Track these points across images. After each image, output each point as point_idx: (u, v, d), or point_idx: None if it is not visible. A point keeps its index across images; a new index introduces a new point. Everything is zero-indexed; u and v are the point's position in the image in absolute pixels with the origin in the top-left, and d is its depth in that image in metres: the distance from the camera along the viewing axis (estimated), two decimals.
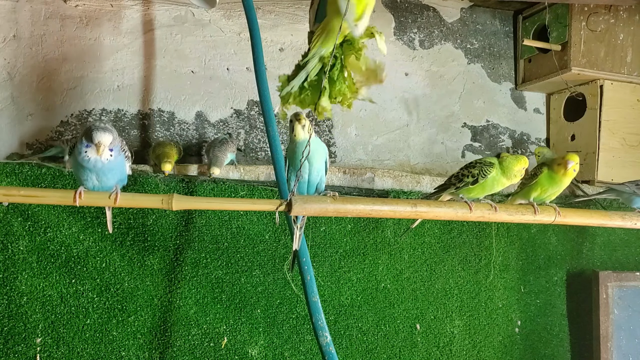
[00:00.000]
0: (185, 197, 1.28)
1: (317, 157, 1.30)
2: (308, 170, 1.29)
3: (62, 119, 1.91)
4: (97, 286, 1.69)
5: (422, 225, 2.11)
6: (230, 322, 1.83)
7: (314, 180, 1.31)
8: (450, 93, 2.50)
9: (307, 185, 1.31)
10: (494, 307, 2.21)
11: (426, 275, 2.11)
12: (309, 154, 1.17)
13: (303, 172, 1.28)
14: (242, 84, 2.15)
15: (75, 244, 1.68)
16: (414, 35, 2.45)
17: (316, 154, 1.29)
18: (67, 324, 1.66)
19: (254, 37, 1.59)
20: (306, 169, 1.28)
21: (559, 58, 2.34)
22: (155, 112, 2.03)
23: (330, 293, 1.96)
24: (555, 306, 2.32)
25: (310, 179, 1.30)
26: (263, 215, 1.89)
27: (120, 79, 1.99)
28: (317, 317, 1.34)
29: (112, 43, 1.99)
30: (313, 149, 1.25)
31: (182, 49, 2.08)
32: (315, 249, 1.95)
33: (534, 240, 2.30)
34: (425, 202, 1.37)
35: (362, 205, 1.26)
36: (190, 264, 1.80)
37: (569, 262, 2.36)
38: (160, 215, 1.77)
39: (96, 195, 1.24)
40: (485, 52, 2.57)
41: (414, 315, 2.08)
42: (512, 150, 2.60)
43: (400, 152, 2.37)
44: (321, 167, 1.31)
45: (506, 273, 2.24)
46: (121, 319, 1.71)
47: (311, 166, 1.28)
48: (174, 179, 1.79)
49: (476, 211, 1.43)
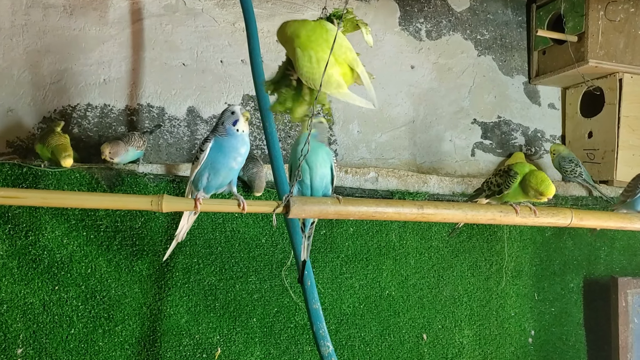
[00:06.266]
0: (176, 198, 1.27)
1: (319, 162, 1.28)
2: (309, 175, 1.28)
3: (45, 114, 1.91)
4: (82, 293, 1.69)
5: (429, 228, 2.11)
6: (224, 332, 1.83)
7: (317, 186, 1.30)
8: (459, 87, 2.50)
9: (310, 191, 1.30)
10: (506, 316, 2.20)
11: (433, 282, 2.11)
12: (307, 152, 1.17)
13: (303, 175, 1.27)
14: (237, 77, 2.15)
15: (58, 249, 1.68)
16: (421, 26, 2.44)
17: (316, 156, 1.27)
18: (50, 333, 1.66)
19: (250, 27, 1.58)
20: (306, 172, 1.27)
21: (575, 50, 2.34)
22: (144, 108, 2.03)
23: (331, 301, 1.96)
24: (571, 315, 2.32)
25: (313, 184, 1.29)
26: (259, 218, 1.89)
27: (106, 72, 1.99)
28: (319, 325, 1.34)
29: (98, 34, 1.99)
30: (312, 148, 1.24)
31: (172, 40, 2.08)
32: (315, 254, 1.95)
33: (548, 244, 2.30)
34: (432, 203, 1.37)
35: (365, 207, 1.26)
36: (181, 269, 1.80)
37: (586, 268, 2.36)
38: (150, 217, 1.77)
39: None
40: (497, 44, 2.57)
41: (420, 324, 2.08)
42: (525, 148, 2.60)
43: (405, 150, 2.37)
44: (325, 173, 1.30)
45: (519, 279, 2.24)
46: (108, 328, 1.71)
47: (312, 171, 1.27)
48: (163, 180, 1.79)
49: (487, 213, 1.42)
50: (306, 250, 1.37)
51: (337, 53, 1.01)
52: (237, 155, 1.27)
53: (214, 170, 1.28)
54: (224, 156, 1.27)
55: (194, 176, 1.30)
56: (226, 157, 1.27)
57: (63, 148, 1.62)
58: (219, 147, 1.27)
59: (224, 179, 1.30)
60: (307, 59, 1.02)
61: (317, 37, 1.02)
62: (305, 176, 1.27)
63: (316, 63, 1.01)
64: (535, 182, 1.46)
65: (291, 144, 2.22)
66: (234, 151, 1.27)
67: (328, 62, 0.99)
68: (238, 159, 1.28)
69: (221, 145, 1.27)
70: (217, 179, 1.29)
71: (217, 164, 1.27)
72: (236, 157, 1.27)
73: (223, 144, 1.27)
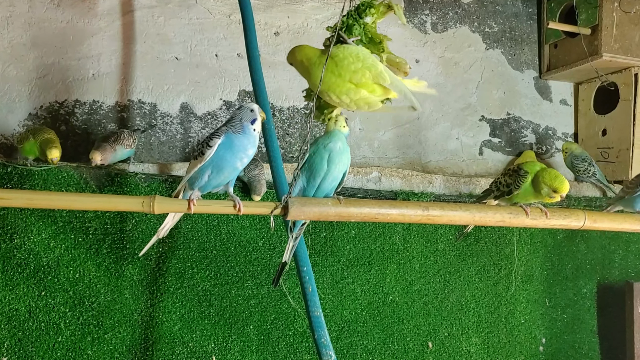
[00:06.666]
0: (168, 199, 1.28)
1: (341, 164, 1.28)
2: (323, 175, 1.28)
3: (31, 111, 1.91)
4: (69, 299, 1.70)
5: (435, 231, 2.12)
6: (220, 340, 1.83)
7: (325, 188, 1.30)
8: (467, 82, 2.50)
9: (314, 192, 1.31)
10: (516, 323, 2.21)
11: (439, 287, 2.12)
12: (340, 150, 1.22)
13: (316, 174, 1.27)
14: (233, 72, 2.15)
15: (45, 252, 1.68)
16: (426, 18, 2.45)
17: (340, 158, 1.28)
18: (36, 341, 1.67)
19: (246, 19, 1.59)
20: (321, 172, 1.28)
21: (588, 43, 2.35)
22: (135, 104, 2.03)
23: (332, 307, 1.97)
24: (584, 322, 2.33)
25: (322, 185, 1.29)
26: (256, 220, 1.89)
27: (95, 67, 1.99)
28: (320, 333, 1.35)
29: (86, 26, 2.00)
30: (341, 149, 1.26)
31: (165, 32, 2.08)
32: (315, 258, 1.95)
33: (560, 248, 2.31)
34: (438, 204, 1.38)
35: (368, 208, 1.27)
36: (174, 274, 1.80)
37: (600, 272, 2.37)
38: (141, 219, 1.77)
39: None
40: (506, 37, 2.58)
41: (425, 332, 2.08)
42: (535, 146, 2.61)
43: (410, 148, 2.38)
44: (338, 177, 1.31)
45: (529, 284, 2.25)
46: (97, 336, 1.72)
47: (328, 172, 1.27)
48: (155, 180, 1.80)
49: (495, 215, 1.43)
50: (289, 252, 1.38)
51: (353, 79, 1.06)
52: (245, 155, 1.28)
53: (217, 168, 1.28)
54: (232, 154, 1.26)
55: (194, 173, 1.30)
56: (234, 155, 1.27)
57: (50, 140, 1.64)
58: (229, 144, 1.27)
59: (224, 179, 1.30)
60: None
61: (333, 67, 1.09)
62: (318, 175, 1.28)
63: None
64: (548, 179, 1.46)
65: (289, 142, 2.23)
66: (243, 151, 1.27)
67: (319, 91, 1.08)
68: (244, 160, 1.28)
69: (232, 142, 1.26)
70: (219, 178, 1.29)
71: (223, 162, 1.27)
72: (243, 157, 1.28)
73: (234, 141, 1.26)
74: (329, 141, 1.26)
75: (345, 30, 1.13)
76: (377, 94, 1.09)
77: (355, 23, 1.12)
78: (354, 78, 1.06)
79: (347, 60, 1.06)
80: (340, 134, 1.28)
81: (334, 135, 1.27)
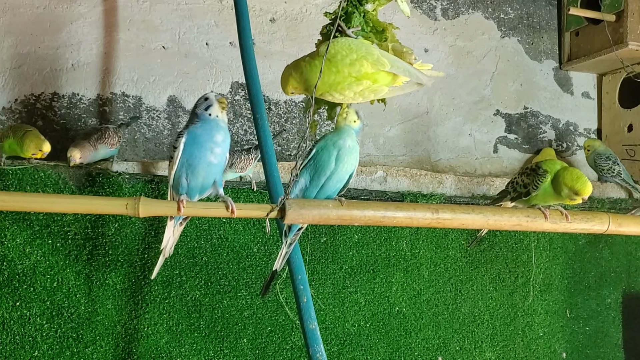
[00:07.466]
0: (155, 201, 1.27)
1: (349, 163, 1.28)
2: (328, 174, 1.28)
3: (5, 105, 1.91)
4: (46, 310, 1.69)
5: (445, 236, 2.11)
6: (211, 354, 1.83)
7: (328, 189, 1.30)
8: (480, 73, 2.50)
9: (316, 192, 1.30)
10: (534, 336, 2.20)
11: (450, 297, 2.11)
12: (349, 147, 1.23)
13: (321, 173, 1.27)
14: (225, 62, 2.15)
15: (20, 259, 1.67)
16: (436, 3, 2.44)
17: (349, 156, 1.28)
18: (10, 356, 1.66)
19: (239, 4, 1.58)
20: (327, 171, 1.27)
21: (612, 31, 2.34)
22: (119, 97, 2.03)
23: (333, 319, 1.96)
24: (608, 334, 2.32)
25: (326, 186, 1.29)
26: (250, 224, 1.89)
27: (75, 57, 1.99)
28: (315, 348, 1.35)
29: (65, 12, 1.99)
30: (351, 147, 1.26)
31: (151, 19, 2.08)
32: (315, 265, 1.95)
33: (582, 254, 2.30)
34: (448, 207, 1.37)
35: (372, 210, 1.26)
36: (161, 283, 1.80)
37: (625, 281, 2.36)
38: (125, 223, 1.77)
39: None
40: (523, 24, 2.57)
41: (435, 345, 2.08)
42: (555, 143, 2.60)
43: (418, 145, 2.37)
44: (344, 177, 1.30)
45: (548, 294, 2.24)
46: (76, 350, 1.71)
47: (335, 171, 1.27)
48: (140, 180, 1.79)
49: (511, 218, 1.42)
50: (282, 259, 1.38)
51: (353, 72, 1.06)
52: (214, 145, 1.27)
53: (191, 168, 1.29)
54: (199, 148, 1.27)
55: (173, 179, 1.31)
56: (201, 148, 1.27)
57: (35, 134, 1.63)
58: (193, 139, 1.28)
59: (204, 179, 1.30)
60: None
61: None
62: (324, 174, 1.28)
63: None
64: (569, 179, 1.45)
65: (286, 139, 2.22)
66: (210, 140, 1.27)
67: (317, 84, 1.06)
68: (216, 150, 1.28)
69: (195, 135, 1.28)
70: (197, 178, 1.29)
71: (194, 160, 1.28)
72: (213, 147, 1.28)
73: (197, 133, 1.28)
74: (338, 138, 1.27)
75: (345, 18, 1.12)
76: (381, 81, 1.09)
77: (355, 10, 1.12)
78: (353, 71, 1.06)
79: (339, 54, 1.07)
80: (350, 130, 1.29)
81: (344, 132, 1.28)
